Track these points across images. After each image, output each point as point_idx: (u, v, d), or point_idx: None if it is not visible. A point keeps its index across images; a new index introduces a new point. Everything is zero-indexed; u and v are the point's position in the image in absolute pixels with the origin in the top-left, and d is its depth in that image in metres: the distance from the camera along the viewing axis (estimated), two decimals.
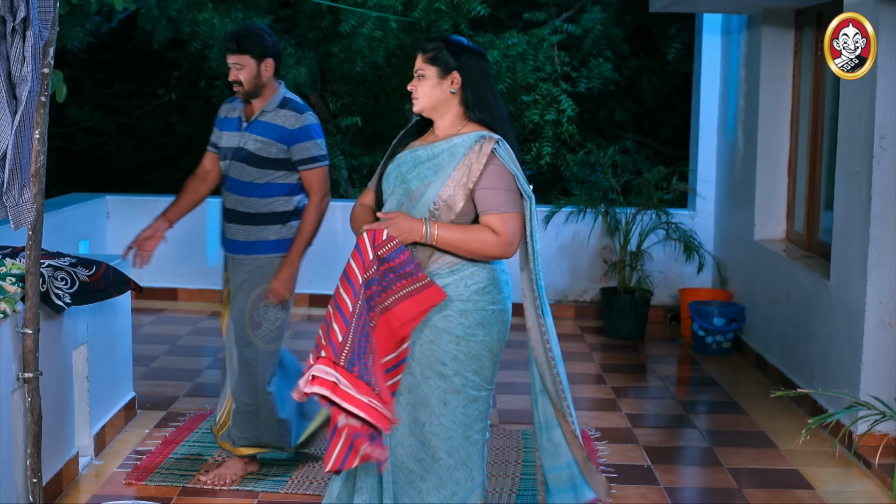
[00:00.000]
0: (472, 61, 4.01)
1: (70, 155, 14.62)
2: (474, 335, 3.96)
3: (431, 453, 3.98)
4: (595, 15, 11.61)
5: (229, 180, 5.41)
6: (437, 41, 4.04)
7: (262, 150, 5.30)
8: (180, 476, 5.52)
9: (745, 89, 8.57)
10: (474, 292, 3.95)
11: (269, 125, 5.32)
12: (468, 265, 3.95)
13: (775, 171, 8.20)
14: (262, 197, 5.34)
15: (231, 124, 5.45)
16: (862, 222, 6.01)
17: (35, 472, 4.50)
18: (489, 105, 4.02)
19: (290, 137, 5.30)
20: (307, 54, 11.54)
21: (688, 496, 5.59)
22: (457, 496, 4.01)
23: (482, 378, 4.01)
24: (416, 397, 3.98)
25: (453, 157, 3.94)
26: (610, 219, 9.04)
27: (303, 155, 5.33)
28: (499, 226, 3.90)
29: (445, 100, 4.01)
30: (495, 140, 3.93)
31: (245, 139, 5.33)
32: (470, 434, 4.01)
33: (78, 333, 5.48)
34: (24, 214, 4.22)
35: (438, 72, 3.99)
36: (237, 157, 5.35)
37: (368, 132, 12.36)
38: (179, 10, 10.86)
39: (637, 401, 7.23)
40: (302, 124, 5.32)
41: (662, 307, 9.45)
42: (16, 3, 4.05)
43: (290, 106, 5.37)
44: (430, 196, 3.93)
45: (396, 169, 4.05)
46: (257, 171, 5.31)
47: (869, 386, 5.93)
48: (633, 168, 11.06)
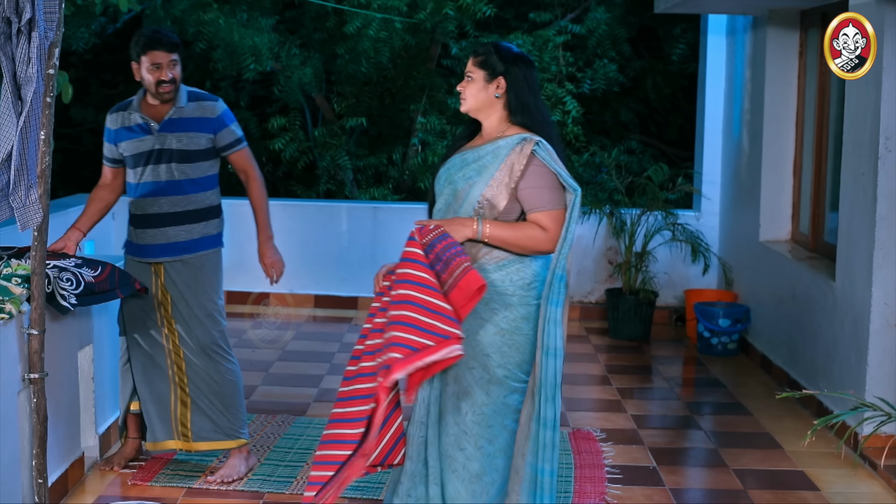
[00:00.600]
0: (518, 69, 4.17)
1: (75, 156, 14.63)
2: (519, 329, 4.08)
3: (473, 441, 4.09)
4: (600, 15, 11.61)
5: (151, 185, 5.42)
6: (489, 46, 4.22)
7: (190, 145, 5.39)
8: (185, 477, 5.52)
9: (750, 90, 8.57)
10: (519, 287, 4.07)
11: (189, 120, 5.41)
12: (515, 261, 4.09)
13: (781, 172, 8.20)
14: (200, 192, 5.47)
15: (132, 132, 5.44)
16: (867, 223, 6.00)
17: (41, 472, 4.51)
18: (531, 111, 4.17)
19: (214, 125, 5.44)
20: (312, 55, 11.55)
21: (693, 497, 5.58)
22: (495, 484, 4.13)
23: (523, 371, 4.12)
24: (460, 387, 4.09)
25: (496, 158, 4.09)
26: (615, 220, 9.03)
27: (229, 139, 5.48)
28: (546, 222, 4.04)
29: (490, 102, 4.17)
30: (535, 142, 4.07)
31: (163, 139, 5.39)
32: (507, 423, 4.13)
33: (83, 334, 5.49)
34: (31, 215, 4.23)
35: (486, 75, 4.17)
36: (160, 160, 5.39)
37: (373, 133, 12.36)
38: (184, 10, 10.87)
39: (642, 402, 7.23)
40: (221, 111, 5.48)
41: (668, 308, 9.45)
42: (21, 4, 4.06)
43: (202, 97, 5.52)
44: (475, 195, 4.08)
45: (446, 171, 4.22)
46: (190, 166, 5.41)
47: (874, 387, 5.92)
48: (639, 169, 11.07)
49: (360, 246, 9.62)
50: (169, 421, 5.54)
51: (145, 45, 5.35)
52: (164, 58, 5.34)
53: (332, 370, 7.59)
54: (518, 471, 4.14)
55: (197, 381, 5.50)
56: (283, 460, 5.77)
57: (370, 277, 10.39)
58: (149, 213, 5.43)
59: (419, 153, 11.59)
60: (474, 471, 4.09)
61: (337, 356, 8.02)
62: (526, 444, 4.11)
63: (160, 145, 5.38)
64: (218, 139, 5.46)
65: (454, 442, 4.10)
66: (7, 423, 4.45)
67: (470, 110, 4.20)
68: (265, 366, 7.65)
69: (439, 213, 4.19)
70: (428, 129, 11.54)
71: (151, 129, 5.40)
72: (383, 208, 9.80)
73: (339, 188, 11.95)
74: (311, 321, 9.23)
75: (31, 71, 4.10)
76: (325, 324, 9.12)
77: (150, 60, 5.34)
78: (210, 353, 5.50)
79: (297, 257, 9.05)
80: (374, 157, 11.94)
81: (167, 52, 5.35)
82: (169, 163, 5.38)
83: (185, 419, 5.53)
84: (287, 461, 5.76)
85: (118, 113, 5.49)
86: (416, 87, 11.66)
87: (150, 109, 5.44)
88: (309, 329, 8.80)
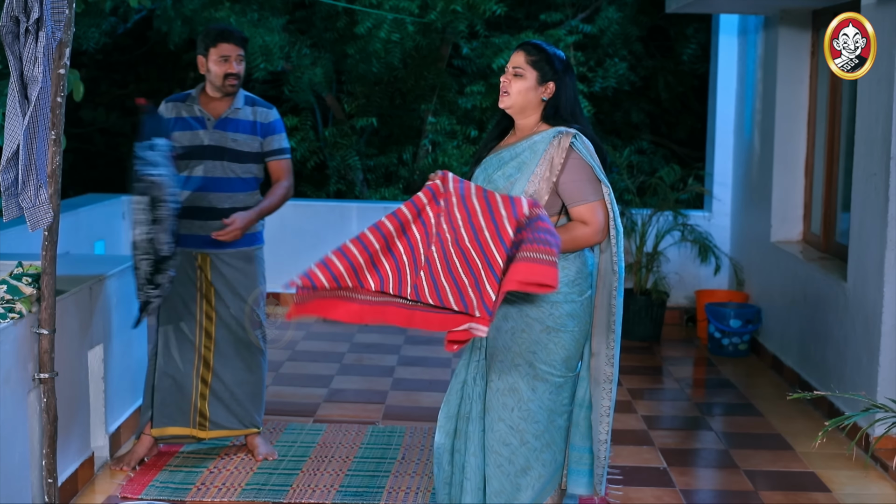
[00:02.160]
0: (569, 77, 4.24)
1: (86, 156, 14.66)
2: (564, 325, 4.13)
3: (520, 437, 4.15)
4: (611, 14, 11.60)
5: (201, 180, 5.51)
6: (541, 48, 4.22)
7: (243, 146, 5.53)
8: (176, 489, 5.35)
9: (761, 90, 8.55)
10: (564, 285, 4.11)
11: (244, 122, 5.55)
12: (559, 260, 4.08)
13: (792, 172, 8.18)
14: (247, 191, 5.59)
15: (187, 124, 5.54)
16: (879, 224, 5.98)
17: (51, 472, 4.51)
18: (575, 119, 4.22)
19: (266, 130, 5.59)
20: (323, 55, 11.55)
21: (703, 498, 5.57)
22: (543, 478, 4.20)
23: (568, 367, 4.18)
24: (506, 383, 4.15)
25: (535, 153, 4.13)
26: (626, 220, 9.02)
27: (274, 146, 5.62)
28: (588, 216, 4.09)
29: (536, 104, 4.21)
30: (573, 134, 4.12)
31: (217, 136, 5.51)
32: (554, 418, 4.19)
33: (93, 334, 5.49)
34: (40, 215, 4.23)
35: (538, 77, 4.19)
36: (213, 156, 5.50)
37: (384, 133, 12.36)
38: (195, 9, 10.87)
39: (653, 402, 7.21)
40: (274, 118, 5.64)
41: (678, 309, 9.43)
42: (29, 4, 4.06)
43: (258, 102, 5.66)
44: (517, 193, 4.10)
45: (483, 172, 4.25)
46: (240, 166, 5.54)
47: (886, 388, 5.90)
48: (649, 169, 11.05)
49: None
50: (188, 411, 5.64)
51: (216, 38, 5.50)
52: (233, 51, 5.49)
53: (342, 370, 7.59)
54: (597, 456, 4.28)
55: (222, 374, 5.63)
56: (277, 469, 5.64)
57: None
58: (196, 206, 5.52)
59: (429, 153, 11.59)
60: (520, 465, 4.17)
61: (347, 356, 8.02)
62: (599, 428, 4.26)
63: (214, 142, 5.52)
64: (265, 144, 5.60)
65: (500, 438, 4.16)
66: (17, 422, 4.46)
67: (513, 107, 4.21)
68: (275, 366, 7.64)
69: None
70: (438, 129, 11.54)
71: (207, 124, 5.53)
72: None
73: (349, 188, 11.96)
74: (320, 321, 9.22)
75: (37, 71, 4.10)
76: (335, 324, 9.11)
77: (218, 53, 5.48)
78: (247, 345, 5.65)
79: (307, 257, 8.97)
80: (385, 157, 11.94)
81: (236, 45, 5.51)
82: (221, 160, 5.52)
83: (205, 409, 5.66)
84: (281, 469, 5.64)
85: (174, 103, 5.61)
86: (427, 87, 11.67)
87: (208, 105, 5.59)
88: (319, 329, 8.80)
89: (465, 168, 11.15)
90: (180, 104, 5.58)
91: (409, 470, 5.68)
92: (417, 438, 6.14)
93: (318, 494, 5.34)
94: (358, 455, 5.87)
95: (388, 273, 3.91)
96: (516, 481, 4.17)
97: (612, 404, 4.27)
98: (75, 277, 5.38)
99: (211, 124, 5.52)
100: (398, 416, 6.64)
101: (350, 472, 5.63)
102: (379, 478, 5.56)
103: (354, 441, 6.09)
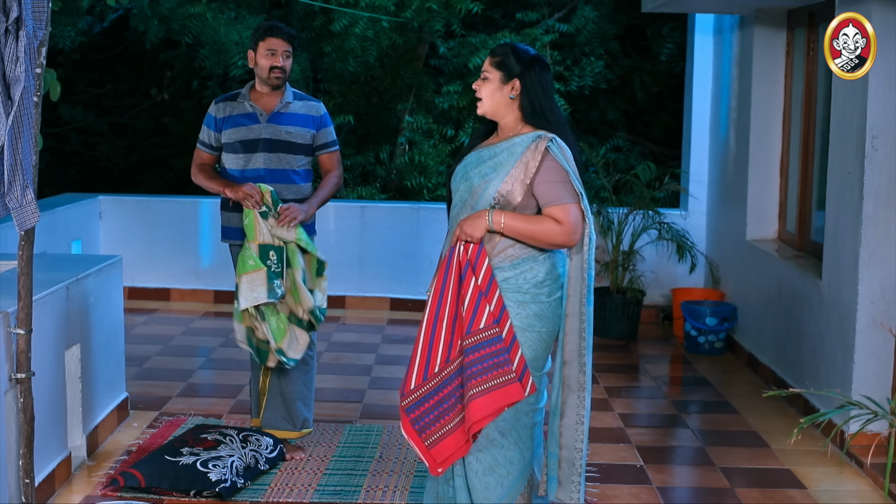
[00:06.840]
0: (534, 72, 4.24)
1: (62, 155, 14.60)
2: (532, 326, 4.17)
3: (485, 434, 4.19)
4: (587, 13, 11.62)
5: (257, 172, 5.64)
6: (506, 47, 4.28)
7: (297, 138, 5.68)
8: None
9: (737, 89, 8.58)
10: (533, 285, 4.16)
11: (296, 115, 5.71)
12: (528, 260, 4.18)
13: (767, 170, 8.21)
14: (302, 182, 5.76)
15: (240, 121, 5.67)
16: (854, 222, 6.02)
17: (28, 472, 4.50)
18: (545, 114, 4.24)
19: (318, 122, 5.78)
20: (299, 54, 11.52)
21: (680, 496, 5.60)
22: (511, 475, 4.24)
23: (535, 366, 4.22)
24: None
25: (512, 155, 4.16)
26: (602, 218, 9.04)
27: (326, 139, 5.81)
28: (561, 216, 4.11)
29: (506, 104, 4.25)
30: (549, 139, 4.15)
31: (271, 130, 5.65)
32: (520, 417, 4.23)
33: (70, 334, 5.48)
34: (28, 216, 4.21)
35: (502, 76, 4.24)
36: (268, 149, 5.64)
37: (361, 132, 12.35)
38: (171, 8, 10.84)
39: (629, 400, 7.24)
40: (324, 112, 5.84)
41: (655, 307, 9.46)
42: (8, 3, 4.05)
43: (306, 97, 5.85)
44: (491, 191, 4.15)
45: (462, 168, 4.30)
46: (294, 157, 5.69)
47: (861, 385, 5.94)
48: (626, 166, 11.07)
49: (347, 245, 9.60)
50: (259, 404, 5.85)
51: (265, 32, 5.66)
52: (281, 45, 5.64)
53: (319, 369, 7.55)
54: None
55: (278, 372, 5.74)
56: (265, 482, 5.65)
57: (357, 276, 10.41)
58: None
59: (406, 152, 11.59)
60: (487, 463, 4.22)
61: (324, 355, 8.02)
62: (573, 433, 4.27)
63: (268, 135, 5.66)
64: (317, 136, 5.78)
65: None
66: None
67: (486, 113, 4.28)
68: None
69: (455, 209, 4.28)
70: (415, 128, 11.54)
71: (260, 118, 5.67)
72: (370, 207, 9.77)
73: None
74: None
75: (19, 70, 4.09)
76: None
77: (266, 46, 5.63)
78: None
79: None
80: (362, 156, 11.93)
81: (284, 41, 5.66)
82: (276, 152, 5.66)
83: (261, 407, 5.82)
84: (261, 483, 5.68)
85: (225, 102, 5.75)
86: (404, 86, 11.67)
87: (259, 100, 5.74)
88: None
89: (441, 167, 11.17)
90: (232, 103, 5.73)
91: (386, 468, 5.68)
92: (395, 437, 6.15)
93: (297, 493, 5.33)
94: (336, 454, 5.87)
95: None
96: (484, 479, 4.21)
97: (586, 412, 4.29)
98: (52, 277, 5.37)
99: (264, 119, 5.67)
100: (376, 414, 6.65)
101: (328, 470, 5.63)
102: (357, 476, 5.57)
103: (332, 440, 6.09)
